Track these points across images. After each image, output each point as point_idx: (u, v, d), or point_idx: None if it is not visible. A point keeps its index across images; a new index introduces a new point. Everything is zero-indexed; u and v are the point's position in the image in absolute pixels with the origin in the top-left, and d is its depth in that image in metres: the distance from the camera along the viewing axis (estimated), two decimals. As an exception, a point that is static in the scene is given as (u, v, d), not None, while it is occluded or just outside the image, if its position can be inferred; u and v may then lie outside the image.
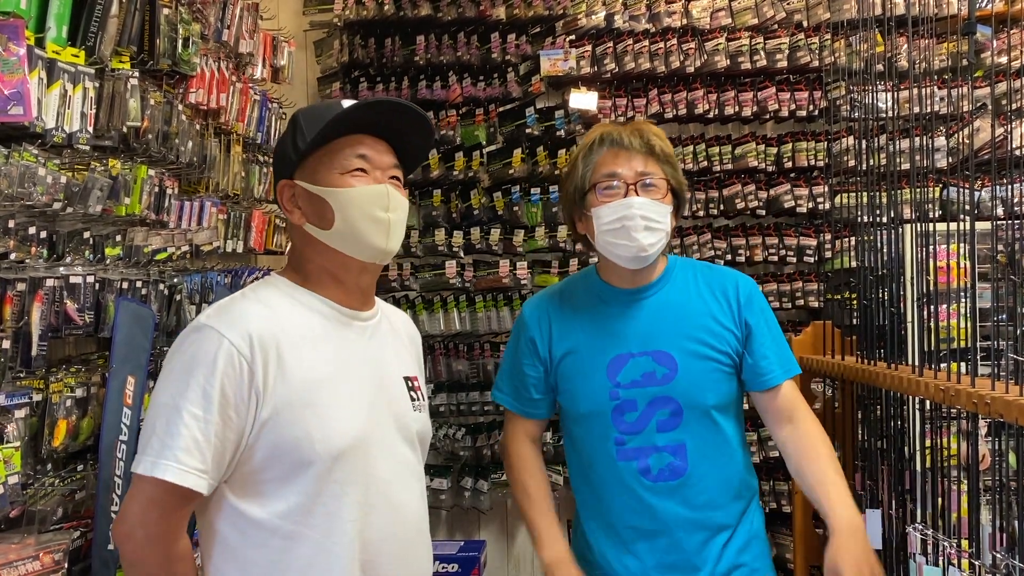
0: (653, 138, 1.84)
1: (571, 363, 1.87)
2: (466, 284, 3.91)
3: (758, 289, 1.94)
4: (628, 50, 3.84)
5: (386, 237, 1.45)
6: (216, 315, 1.40)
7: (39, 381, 1.93)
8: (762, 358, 1.86)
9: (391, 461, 1.48)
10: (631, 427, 1.81)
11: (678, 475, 1.80)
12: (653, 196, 1.80)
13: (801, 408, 1.88)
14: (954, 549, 1.91)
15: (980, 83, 3.20)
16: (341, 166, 1.43)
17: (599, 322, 1.87)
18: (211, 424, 1.33)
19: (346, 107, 1.44)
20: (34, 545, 1.79)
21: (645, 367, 1.81)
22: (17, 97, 1.68)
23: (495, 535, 4.08)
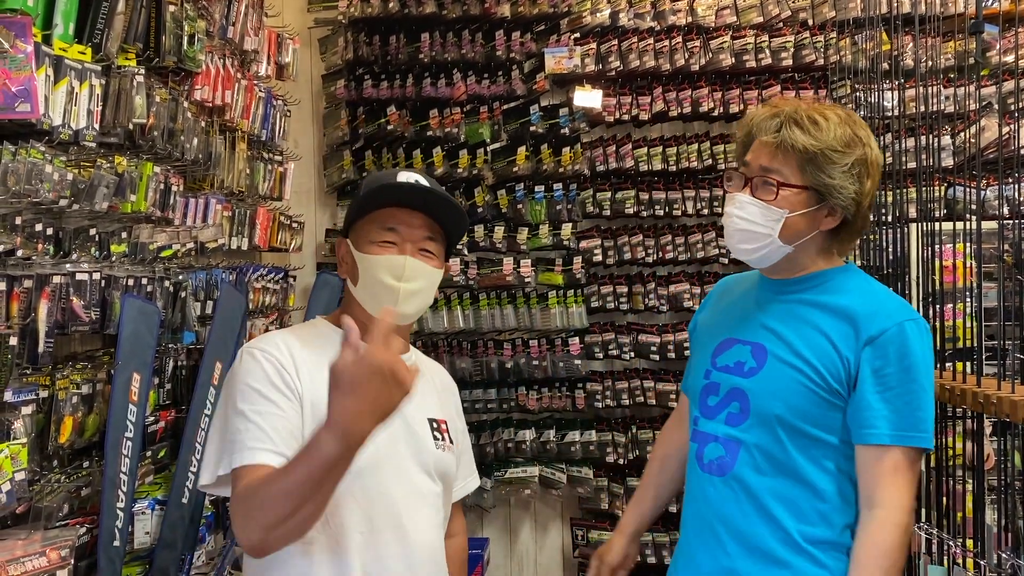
0: (793, 131, 1.59)
1: (697, 336, 1.85)
2: (470, 282, 3.92)
3: (911, 331, 1.58)
4: (633, 48, 3.84)
5: (394, 304, 1.53)
6: (254, 341, 1.55)
7: (46, 378, 1.93)
8: (865, 407, 1.57)
9: (406, 487, 1.54)
10: (708, 411, 1.70)
11: (724, 471, 1.64)
12: (763, 196, 1.61)
13: (886, 496, 1.55)
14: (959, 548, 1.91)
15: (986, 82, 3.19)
16: (373, 236, 1.55)
17: (736, 304, 1.78)
18: (269, 414, 1.41)
19: (382, 184, 1.56)
20: (40, 541, 1.80)
21: (741, 355, 1.69)
22: (24, 94, 1.68)
23: (498, 533, 4.08)
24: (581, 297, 3.88)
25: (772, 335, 1.66)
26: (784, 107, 1.64)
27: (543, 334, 3.93)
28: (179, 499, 2.33)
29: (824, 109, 1.62)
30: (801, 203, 1.60)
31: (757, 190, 1.62)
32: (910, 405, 1.56)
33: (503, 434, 3.93)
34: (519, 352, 3.91)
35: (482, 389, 3.94)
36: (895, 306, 1.64)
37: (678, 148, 3.88)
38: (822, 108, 1.62)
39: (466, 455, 1.78)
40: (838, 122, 1.60)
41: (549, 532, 4.09)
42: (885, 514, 1.54)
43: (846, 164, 1.58)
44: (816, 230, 1.63)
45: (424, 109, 3.96)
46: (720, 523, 1.64)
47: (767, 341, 1.65)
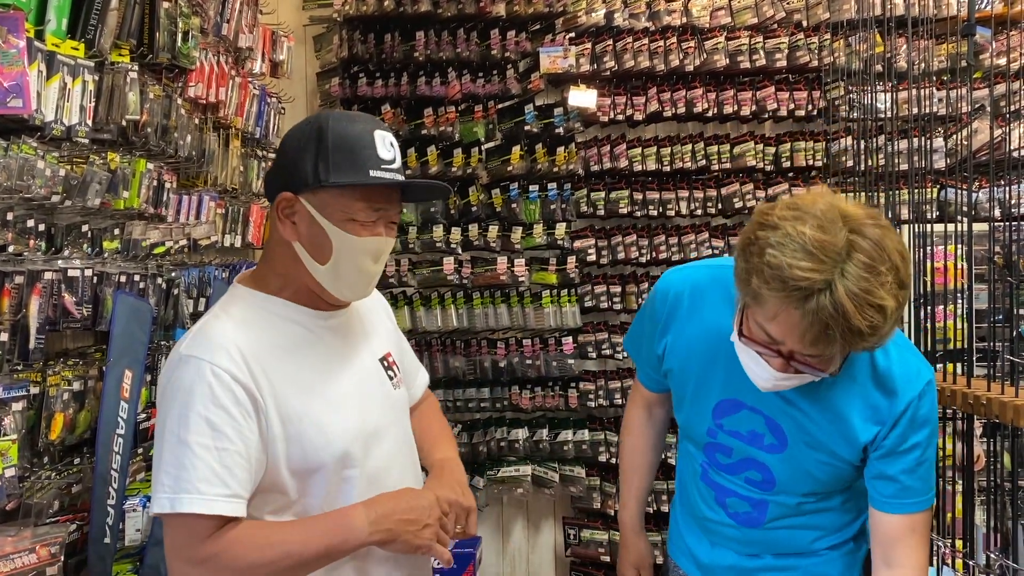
0: (858, 341, 1.30)
1: (679, 380, 1.68)
2: (464, 281, 3.92)
3: (927, 400, 1.52)
4: (627, 48, 3.84)
5: (368, 286, 1.49)
6: (196, 343, 1.38)
7: (36, 374, 1.93)
8: (887, 479, 1.54)
9: (388, 446, 1.53)
10: (720, 466, 1.66)
11: (754, 524, 1.65)
12: (809, 371, 1.41)
13: (907, 554, 1.54)
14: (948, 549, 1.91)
15: (979, 84, 3.21)
16: (357, 214, 1.41)
17: (720, 352, 1.56)
18: (227, 451, 1.32)
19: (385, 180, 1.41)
20: (30, 538, 1.79)
21: (753, 425, 1.58)
22: (16, 89, 1.68)
23: (491, 532, 4.08)
24: (575, 297, 3.88)
25: (789, 418, 1.55)
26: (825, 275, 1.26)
27: (537, 333, 3.93)
28: (170, 496, 2.32)
29: (879, 294, 1.27)
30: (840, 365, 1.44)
31: (794, 363, 1.40)
32: (929, 471, 1.55)
33: (496, 433, 3.93)
34: (512, 351, 3.91)
35: (475, 388, 3.94)
36: (912, 363, 1.53)
37: (672, 148, 3.88)
38: (877, 294, 1.27)
39: (409, 358, 1.73)
40: (892, 299, 1.29)
41: (542, 531, 4.09)
42: (908, 565, 1.54)
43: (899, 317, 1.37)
44: None
45: (419, 108, 3.96)
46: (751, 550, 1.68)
47: (785, 423, 1.55)
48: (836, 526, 1.66)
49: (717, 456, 1.66)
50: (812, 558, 1.67)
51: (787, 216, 1.31)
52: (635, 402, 1.91)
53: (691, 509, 1.77)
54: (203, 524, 1.30)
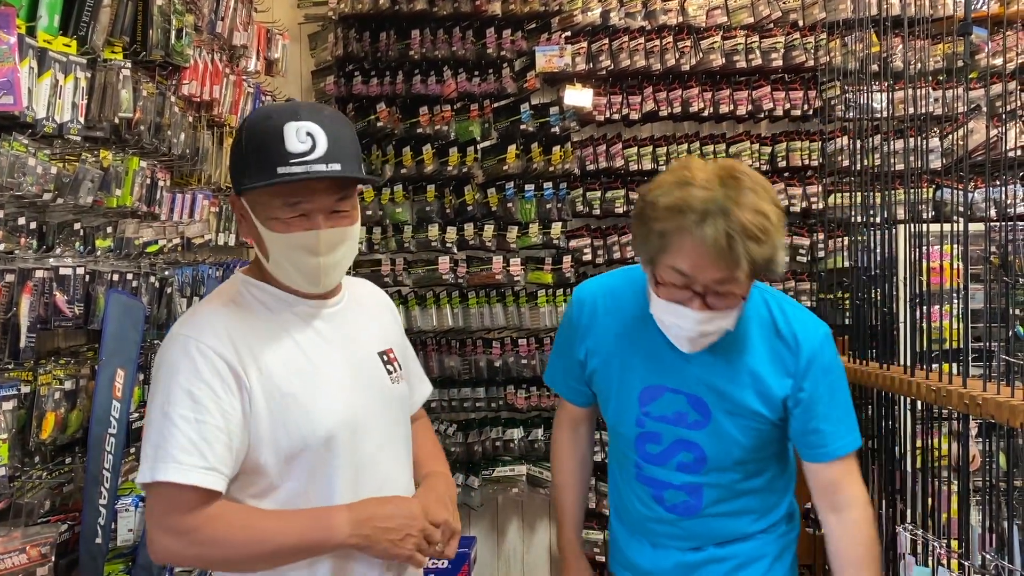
0: (751, 247, 1.45)
1: (605, 376, 1.77)
2: (459, 280, 3.91)
3: (828, 347, 1.68)
4: (623, 47, 3.84)
5: (317, 279, 1.45)
6: (186, 323, 1.44)
7: (27, 373, 1.91)
8: (812, 432, 1.67)
9: (378, 437, 1.53)
10: (653, 458, 1.74)
11: (692, 512, 1.73)
12: (723, 303, 1.53)
13: (853, 495, 1.69)
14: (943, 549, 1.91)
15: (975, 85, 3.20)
16: (277, 213, 1.41)
17: (640, 342, 1.70)
18: (206, 423, 1.34)
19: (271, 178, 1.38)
20: (20, 538, 1.78)
21: (678, 407, 1.68)
22: (7, 86, 1.66)
23: (485, 531, 4.08)
24: (570, 296, 3.87)
25: (709, 389, 1.66)
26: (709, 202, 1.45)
27: (532, 333, 3.92)
28: (163, 496, 2.31)
29: (753, 197, 1.47)
30: (748, 289, 1.57)
31: (712, 299, 1.52)
32: (847, 415, 1.70)
33: (491, 433, 3.92)
34: (508, 351, 3.90)
35: (470, 388, 3.93)
36: (808, 319, 1.69)
37: (668, 148, 3.88)
38: (750, 197, 1.46)
39: (412, 365, 1.74)
40: (769, 203, 1.48)
41: (536, 531, 4.09)
42: (857, 514, 1.68)
43: (784, 245, 1.53)
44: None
45: (414, 106, 3.95)
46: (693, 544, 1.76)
47: (706, 395, 1.66)
48: (767, 507, 1.77)
49: (648, 448, 1.73)
50: (750, 542, 1.76)
51: (667, 177, 1.54)
52: (561, 424, 1.98)
53: (629, 516, 1.83)
54: (180, 494, 1.33)
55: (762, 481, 1.75)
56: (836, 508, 1.69)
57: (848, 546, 1.68)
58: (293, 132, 1.39)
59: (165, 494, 1.34)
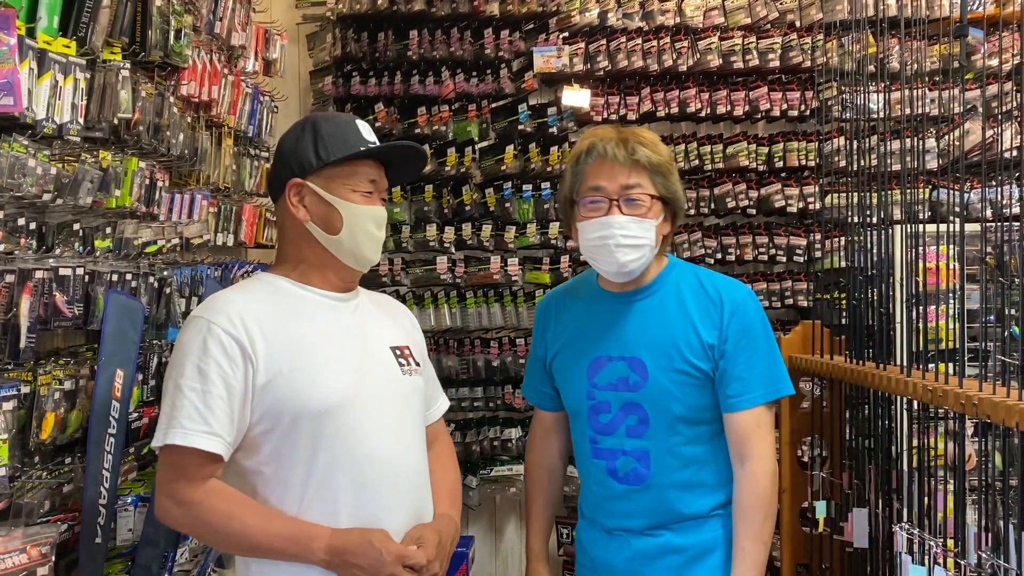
0: (640, 148, 1.80)
1: (561, 360, 1.96)
2: (457, 280, 3.92)
3: (751, 303, 1.88)
4: (621, 48, 3.85)
5: (376, 251, 1.69)
6: (205, 307, 1.62)
7: (27, 373, 1.91)
8: (727, 383, 1.84)
9: (382, 418, 1.64)
10: (604, 428, 1.88)
11: (641, 480, 1.86)
12: (636, 212, 1.80)
13: (757, 450, 1.84)
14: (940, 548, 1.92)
15: (971, 85, 3.22)
16: (357, 186, 1.66)
17: (588, 322, 1.92)
18: (211, 394, 1.51)
19: (376, 146, 1.67)
20: (21, 538, 1.78)
21: (621, 372, 1.86)
22: (7, 87, 1.67)
23: (483, 531, 4.08)
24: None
25: (646, 348, 1.84)
26: (614, 131, 1.84)
27: (530, 333, 3.91)
28: (162, 496, 2.31)
29: (645, 132, 1.86)
30: (658, 212, 1.83)
31: (625, 207, 1.79)
32: (769, 370, 1.86)
33: (489, 432, 3.93)
34: (506, 351, 3.91)
35: (468, 387, 3.94)
36: (730, 281, 1.91)
37: (665, 148, 3.89)
38: (643, 131, 1.87)
39: (433, 377, 1.89)
40: (665, 147, 1.87)
41: (534, 531, 4.09)
42: (758, 465, 1.84)
43: (677, 178, 1.86)
44: (662, 235, 1.86)
45: (412, 107, 3.96)
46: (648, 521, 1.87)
47: (643, 354, 1.84)
48: (718, 483, 1.89)
49: (600, 418, 1.88)
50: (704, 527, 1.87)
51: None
52: (533, 435, 2.12)
53: (588, 502, 1.97)
54: (185, 457, 1.51)
55: (707, 449, 1.87)
56: (742, 459, 1.85)
57: (744, 495, 1.84)
58: (363, 126, 1.69)
59: (172, 459, 1.53)
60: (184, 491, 1.52)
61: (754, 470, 1.84)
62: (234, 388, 1.53)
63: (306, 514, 1.56)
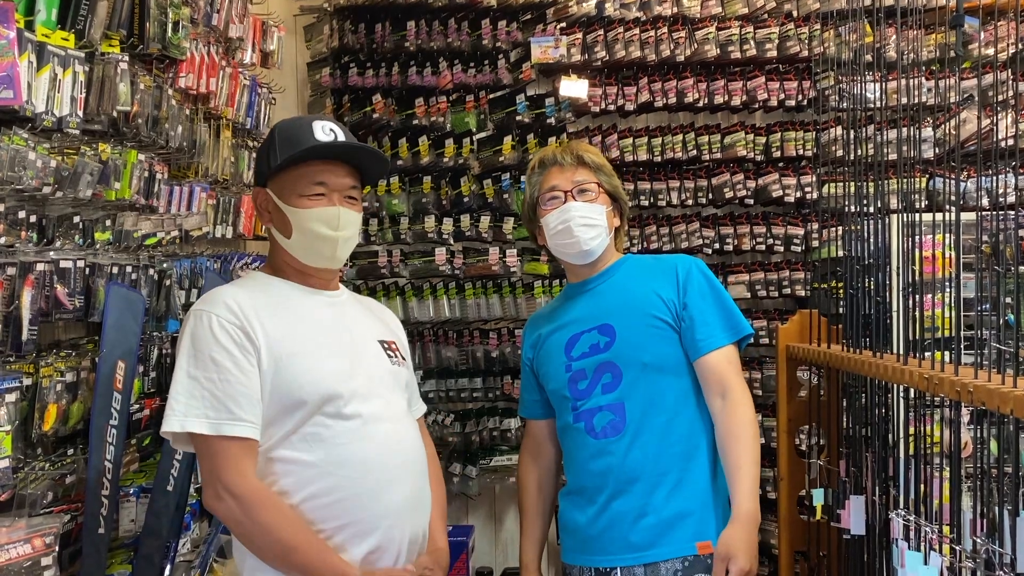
0: (584, 153, 2.10)
1: (543, 353, 2.14)
2: (456, 271, 3.92)
3: (701, 264, 2.10)
4: (619, 38, 3.85)
5: (333, 252, 1.71)
6: (204, 300, 1.70)
7: (29, 365, 1.92)
8: (694, 327, 2.01)
9: (380, 404, 1.70)
10: (582, 393, 2.03)
11: (618, 431, 1.99)
12: (588, 199, 2.06)
13: (733, 383, 2.00)
14: (936, 534, 1.94)
15: (967, 74, 3.22)
16: (302, 189, 1.68)
17: (561, 313, 2.14)
18: (228, 383, 1.58)
19: (306, 148, 1.67)
20: (25, 528, 1.79)
21: (592, 340, 2.05)
22: (7, 80, 1.67)
23: (483, 520, 4.10)
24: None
25: (613, 312, 2.05)
26: (559, 147, 2.16)
27: (528, 323, 3.93)
28: (164, 487, 2.33)
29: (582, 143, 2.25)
30: (606, 201, 2.09)
31: (578, 197, 2.06)
32: (723, 316, 2.04)
33: (488, 423, 3.95)
34: (505, 341, 3.93)
35: (468, 378, 3.95)
36: (677, 255, 2.15)
37: (663, 138, 3.90)
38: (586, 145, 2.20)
39: (415, 382, 1.95)
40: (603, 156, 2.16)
41: (534, 520, 4.11)
42: (739, 396, 1.99)
43: (616, 179, 2.14)
44: (614, 226, 2.12)
45: (410, 98, 3.96)
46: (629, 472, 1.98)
47: (611, 319, 2.04)
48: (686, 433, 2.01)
49: (579, 386, 2.04)
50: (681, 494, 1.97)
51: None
52: (524, 450, 2.25)
53: (572, 477, 2.09)
54: (220, 447, 1.58)
55: (677, 399, 2.01)
56: (722, 394, 1.99)
57: (732, 422, 1.97)
58: (320, 127, 1.69)
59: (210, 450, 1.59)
60: (235, 484, 1.58)
61: (736, 399, 1.98)
62: (249, 372, 1.60)
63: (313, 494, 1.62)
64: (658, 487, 1.98)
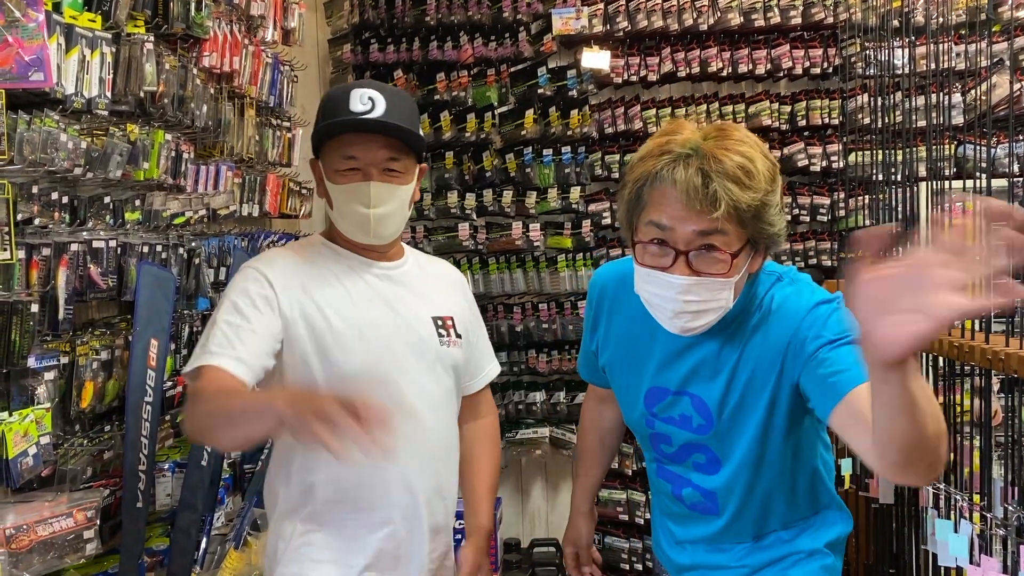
0: (730, 186, 1.31)
1: (612, 370, 1.70)
2: (479, 246, 3.93)
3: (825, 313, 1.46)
4: (640, 8, 3.81)
5: (367, 229, 1.65)
6: (256, 258, 1.74)
7: (66, 344, 1.96)
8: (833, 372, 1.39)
9: (414, 389, 1.68)
10: (667, 456, 1.65)
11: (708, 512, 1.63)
12: (711, 268, 1.36)
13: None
14: (966, 503, 1.94)
15: (998, 38, 3.16)
16: (336, 164, 1.64)
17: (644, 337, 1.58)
18: (241, 327, 1.56)
19: (331, 122, 1.63)
20: (67, 503, 1.84)
21: (682, 408, 1.57)
22: (37, 63, 1.69)
23: (510, 492, 4.14)
24: (590, 260, 3.89)
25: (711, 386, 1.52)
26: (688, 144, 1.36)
27: (552, 297, 3.95)
28: (198, 462, 2.37)
29: (738, 144, 1.36)
30: (744, 260, 1.40)
31: (696, 262, 1.37)
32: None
33: (514, 396, 3.97)
34: (529, 316, 3.94)
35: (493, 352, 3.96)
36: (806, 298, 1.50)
37: (687, 109, 3.86)
38: (735, 143, 1.36)
39: (481, 343, 1.92)
40: (760, 156, 1.38)
41: (560, 491, 4.15)
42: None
43: (777, 203, 1.40)
44: (748, 274, 1.45)
45: (431, 73, 3.95)
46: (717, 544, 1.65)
47: (705, 394, 1.53)
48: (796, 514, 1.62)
49: (662, 447, 1.63)
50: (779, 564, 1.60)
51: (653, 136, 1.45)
52: (589, 396, 2.02)
53: (660, 506, 1.76)
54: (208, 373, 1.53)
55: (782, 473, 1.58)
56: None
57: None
58: (358, 96, 1.61)
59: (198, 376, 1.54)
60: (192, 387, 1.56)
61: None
62: (268, 325, 1.59)
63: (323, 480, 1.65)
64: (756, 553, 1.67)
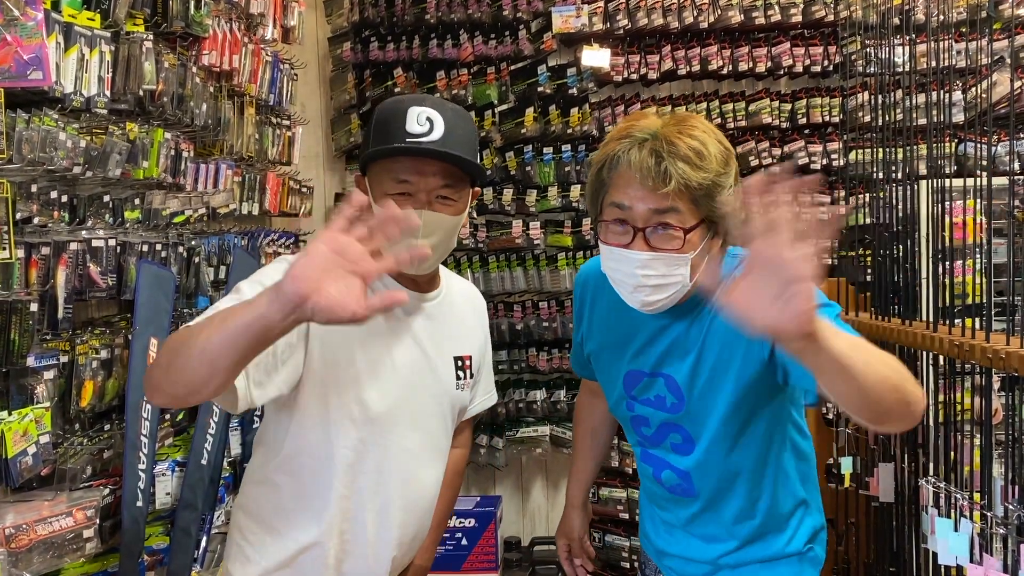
0: (681, 165, 1.41)
1: (596, 359, 1.75)
2: (479, 245, 3.93)
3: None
4: (641, 5, 3.80)
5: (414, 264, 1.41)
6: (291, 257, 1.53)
7: (65, 343, 1.96)
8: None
9: (419, 437, 1.60)
10: (648, 439, 1.69)
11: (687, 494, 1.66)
12: (667, 244, 1.44)
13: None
14: (966, 501, 1.94)
15: (998, 36, 3.15)
16: (387, 187, 1.49)
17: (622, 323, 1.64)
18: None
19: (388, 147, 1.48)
20: (66, 502, 1.84)
21: (656, 389, 1.62)
22: (36, 62, 1.69)
23: (511, 491, 4.14)
24: (590, 258, 3.88)
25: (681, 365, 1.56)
26: (646, 130, 1.45)
27: (553, 296, 3.95)
28: (198, 461, 2.37)
29: (692, 129, 1.45)
30: (699, 238, 1.45)
31: (653, 239, 1.44)
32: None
33: (514, 394, 3.97)
34: (529, 314, 3.94)
35: (493, 351, 3.96)
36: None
37: (687, 107, 3.86)
38: (690, 128, 1.45)
39: (484, 378, 1.82)
40: (714, 142, 1.45)
41: (560, 489, 4.15)
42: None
43: (730, 185, 1.45)
44: (706, 256, 1.47)
45: (431, 71, 3.94)
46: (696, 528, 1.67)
47: (676, 373, 1.57)
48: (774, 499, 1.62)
49: (642, 430, 1.67)
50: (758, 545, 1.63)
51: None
52: (582, 390, 2.02)
53: (646, 491, 1.79)
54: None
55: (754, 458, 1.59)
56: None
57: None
58: (415, 115, 1.48)
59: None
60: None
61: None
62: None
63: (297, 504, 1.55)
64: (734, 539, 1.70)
